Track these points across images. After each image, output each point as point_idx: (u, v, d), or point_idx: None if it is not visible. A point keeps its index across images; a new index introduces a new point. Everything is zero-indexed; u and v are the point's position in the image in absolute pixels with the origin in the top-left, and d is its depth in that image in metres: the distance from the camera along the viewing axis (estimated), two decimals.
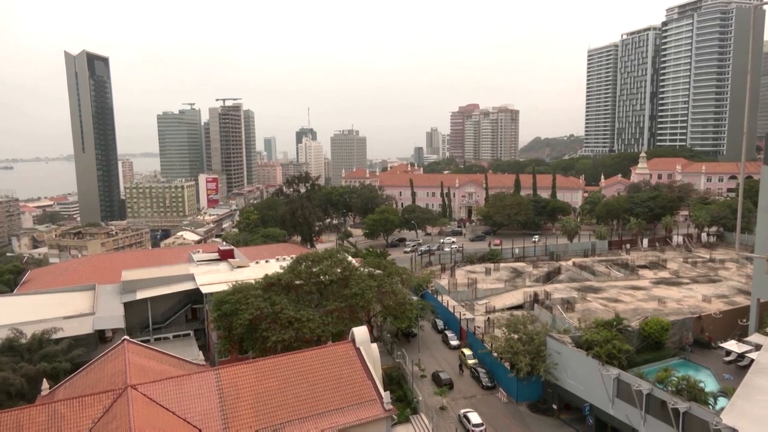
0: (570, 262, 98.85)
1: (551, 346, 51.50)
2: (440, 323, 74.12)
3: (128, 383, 34.42)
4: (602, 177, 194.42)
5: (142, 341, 48.21)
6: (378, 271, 64.29)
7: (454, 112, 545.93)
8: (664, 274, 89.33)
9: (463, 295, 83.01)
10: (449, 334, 70.25)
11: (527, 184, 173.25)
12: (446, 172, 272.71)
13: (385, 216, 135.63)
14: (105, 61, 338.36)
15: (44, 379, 42.21)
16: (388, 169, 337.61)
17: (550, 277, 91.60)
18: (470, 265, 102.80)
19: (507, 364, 54.60)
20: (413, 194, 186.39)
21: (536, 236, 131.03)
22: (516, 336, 54.06)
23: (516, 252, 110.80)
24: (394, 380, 55.62)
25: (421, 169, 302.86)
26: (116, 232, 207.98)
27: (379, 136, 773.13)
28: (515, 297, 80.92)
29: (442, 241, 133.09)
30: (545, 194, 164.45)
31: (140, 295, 64.51)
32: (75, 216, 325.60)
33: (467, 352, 63.58)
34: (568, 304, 70.18)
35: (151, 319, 64.51)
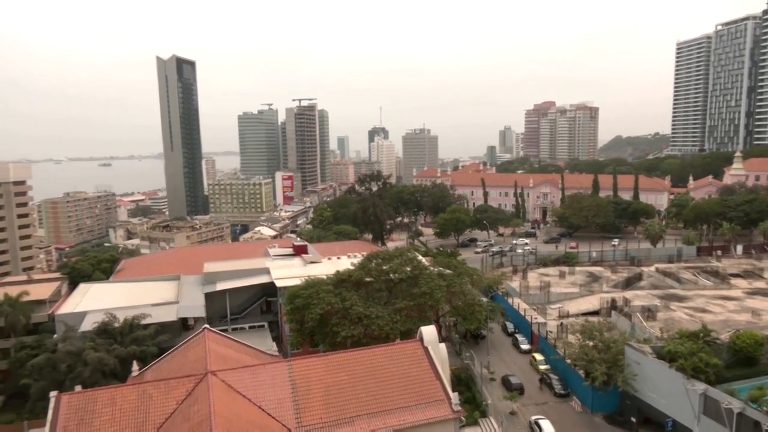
0: (652, 268, 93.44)
1: (630, 355, 48.91)
2: (510, 326, 72.49)
3: (208, 369, 36.34)
4: (690, 178, 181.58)
5: (220, 330, 50.70)
6: (448, 271, 63.91)
7: (528, 110, 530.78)
8: (760, 284, 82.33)
9: (535, 299, 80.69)
10: (520, 337, 68.53)
11: (607, 185, 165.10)
12: (520, 171, 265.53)
13: (456, 215, 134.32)
14: (192, 64, 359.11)
15: (134, 361, 45.50)
16: (460, 168, 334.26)
17: (629, 283, 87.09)
18: (543, 268, 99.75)
19: (581, 372, 52.49)
20: (485, 194, 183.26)
21: (616, 240, 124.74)
22: (591, 343, 51.81)
23: (593, 255, 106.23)
24: (463, 382, 55.07)
25: (494, 168, 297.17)
26: (200, 226, 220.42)
27: (451, 135, 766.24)
28: (591, 302, 77.59)
29: (514, 242, 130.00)
30: (626, 196, 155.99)
31: (220, 286, 67.98)
32: (164, 210, 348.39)
33: (538, 357, 61.76)
34: (650, 312, 66.39)
35: (229, 310, 67.86)
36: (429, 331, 42.21)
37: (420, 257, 67.62)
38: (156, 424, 33.36)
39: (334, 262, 74.64)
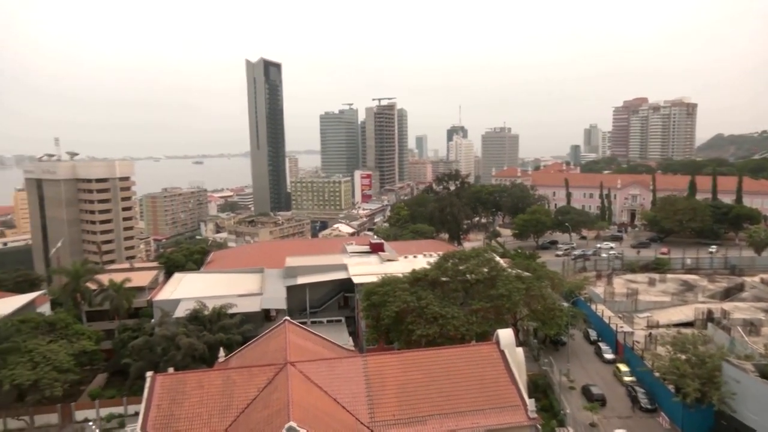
0: (756, 279, 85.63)
1: (728, 372, 45.04)
2: (593, 334, 69.22)
3: (288, 360, 37.80)
4: None
5: (300, 323, 52.50)
6: (526, 274, 62.10)
7: (617, 107, 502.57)
8: None
9: (621, 306, 76.56)
10: (603, 346, 65.24)
11: (704, 187, 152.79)
12: (606, 172, 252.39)
13: (537, 216, 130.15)
14: (278, 66, 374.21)
15: (221, 348, 48.23)
16: (542, 167, 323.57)
17: (729, 294, 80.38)
18: (631, 274, 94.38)
19: (671, 387, 49.09)
20: (568, 195, 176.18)
21: (713, 246, 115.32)
22: (684, 356, 48.26)
23: (687, 263, 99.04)
24: (540, 388, 53.38)
25: (578, 168, 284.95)
26: (282, 222, 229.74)
27: (532, 134, 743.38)
28: (684, 313, 72.44)
29: (598, 245, 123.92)
30: (727, 199, 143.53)
31: (300, 280, 70.44)
32: (249, 206, 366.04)
33: (623, 368, 58.49)
34: (752, 327, 60.92)
35: (308, 303, 70.12)
36: (506, 335, 41.30)
37: (497, 258, 66.25)
38: (238, 409, 35.21)
39: (410, 260, 74.95)
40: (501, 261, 66.10)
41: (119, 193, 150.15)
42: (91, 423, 51.23)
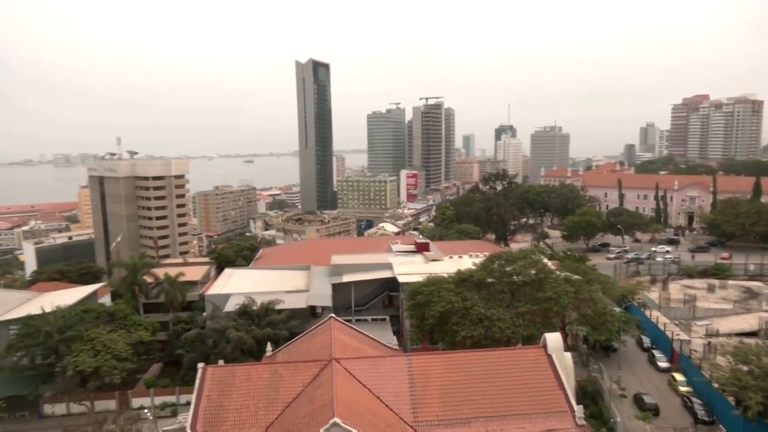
0: None
1: None
2: (646, 341, 66.67)
3: (333, 356, 38.28)
4: None
5: (345, 320, 53.14)
6: (576, 277, 60.44)
7: (675, 105, 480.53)
8: None
9: (678, 313, 73.34)
10: (657, 354, 62.69)
11: None
12: (663, 172, 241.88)
13: (587, 218, 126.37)
14: (326, 67, 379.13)
15: (269, 342, 49.39)
16: (593, 167, 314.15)
17: None
18: (688, 279, 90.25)
19: (731, 399, 46.63)
20: (621, 196, 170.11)
21: None
22: (746, 368, 45.71)
23: (750, 269, 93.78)
24: (588, 395, 51.89)
25: (632, 168, 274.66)
26: (328, 220, 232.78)
27: (584, 132, 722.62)
28: (747, 321, 68.69)
29: (653, 249, 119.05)
30: None
31: (346, 278, 71.19)
32: (297, 204, 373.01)
33: (679, 377, 56.02)
34: None
35: (353, 301, 70.79)
36: (554, 338, 40.33)
37: (546, 260, 64.77)
38: (284, 403, 35.95)
39: (455, 260, 74.40)
40: (549, 263, 64.57)
41: (174, 190, 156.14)
42: (146, 410, 53.58)
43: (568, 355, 40.79)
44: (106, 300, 75.83)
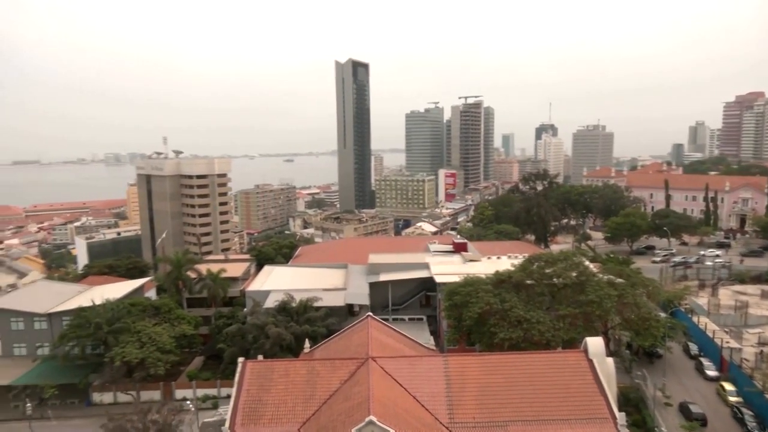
0: None
1: None
2: (694, 348, 64.20)
3: (370, 355, 38.45)
4: None
5: (382, 319, 53.31)
6: (619, 280, 58.71)
7: (728, 103, 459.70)
8: None
9: (728, 320, 70.35)
10: (705, 362, 60.25)
11: None
12: (713, 173, 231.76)
13: (631, 219, 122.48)
14: (366, 67, 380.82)
15: (306, 339, 50.06)
16: (639, 167, 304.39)
17: None
18: (740, 285, 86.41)
19: None
20: (667, 197, 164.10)
21: None
22: None
23: None
24: (631, 402, 50.37)
25: (680, 168, 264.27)
26: (366, 219, 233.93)
27: (629, 132, 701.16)
28: None
29: (702, 253, 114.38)
30: None
31: (383, 277, 71.39)
32: (335, 203, 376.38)
33: (728, 386, 53.68)
34: None
35: (390, 300, 70.91)
36: (595, 343, 39.30)
37: (587, 262, 63.18)
38: (321, 399, 36.36)
39: (493, 261, 73.51)
40: (591, 265, 62.97)
41: (217, 188, 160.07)
42: (188, 402, 55.20)
43: (610, 360, 39.67)
44: (151, 294, 78.52)
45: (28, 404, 55.30)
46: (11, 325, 64.89)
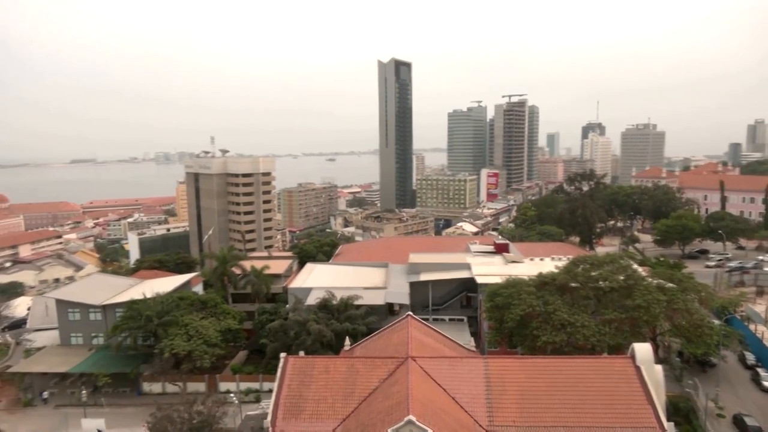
0: None
1: None
2: (750, 357, 61.08)
3: (409, 354, 38.46)
4: None
5: (422, 319, 53.18)
6: (670, 285, 56.51)
7: None
8: None
9: None
10: (763, 372, 57.26)
11: None
12: None
13: (683, 222, 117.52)
14: (408, 66, 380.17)
15: (347, 337, 50.51)
16: (692, 168, 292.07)
17: None
18: None
19: None
20: (723, 199, 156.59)
21: None
22: None
23: None
24: (681, 412, 48.42)
25: (737, 169, 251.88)
26: (406, 219, 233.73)
27: (681, 131, 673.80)
28: None
29: (760, 258, 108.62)
30: None
31: (423, 277, 71.16)
32: (376, 202, 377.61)
33: None
34: None
35: (431, 300, 70.61)
36: (643, 349, 38.00)
37: (635, 266, 61.10)
38: (360, 397, 36.64)
39: (536, 263, 72.10)
40: (639, 269, 60.86)
41: (261, 186, 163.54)
42: (232, 395, 56.68)
43: (659, 367, 38.29)
44: (198, 289, 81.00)
45: (84, 391, 58.17)
46: (69, 316, 68.47)
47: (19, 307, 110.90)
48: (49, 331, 74.24)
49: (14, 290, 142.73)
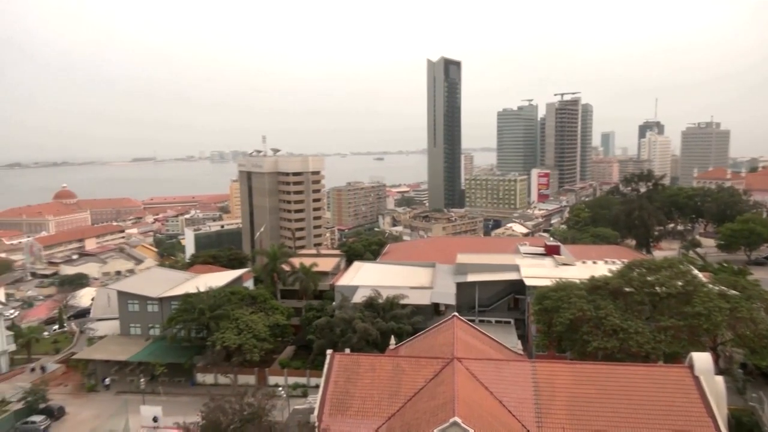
0: None
1: None
2: None
3: (455, 355, 38.16)
4: None
5: (468, 320, 52.62)
6: (733, 292, 53.49)
7: None
8: None
9: None
10: None
11: None
12: None
13: (750, 226, 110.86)
14: (458, 65, 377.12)
15: (392, 336, 50.69)
16: (759, 169, 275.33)
17: None
18: None
19: None
20: None
21: None
22: None
23: None
24: (744, 427, 45.73)
25: None
26: (455, 219, 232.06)
27: (749, 129, 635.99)
28: None
29: None
30: None
31: (470, 278, 70.43)
32: (424, 202, 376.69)
33: None
34: None
35: (477, 301, 69.83)
36: (703, 359, 36.18)
37: (695, 271, 58.20)
38: (406, 396, 36.66)
39: (588, 266, 69.97)
40: (700, 275, 57.94)
41: (311, 185, 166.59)
42: (280, 389, 57.94)
43: (720, 378, 36.37)
44: (249, 284, 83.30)
45: (142, 379, 61.06)
46: (129, 307, 72.13)
47: (84, 297, 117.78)
48: (111, 321, 78.37)
49: (80, 281, 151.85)
